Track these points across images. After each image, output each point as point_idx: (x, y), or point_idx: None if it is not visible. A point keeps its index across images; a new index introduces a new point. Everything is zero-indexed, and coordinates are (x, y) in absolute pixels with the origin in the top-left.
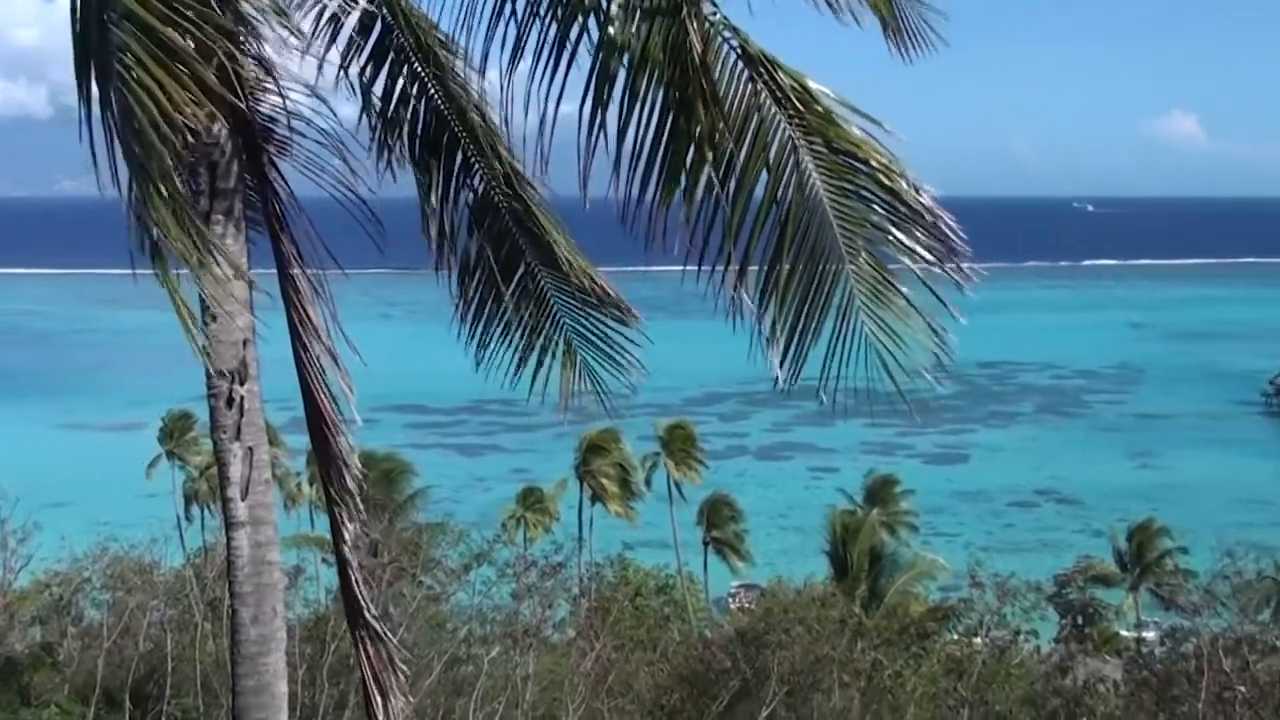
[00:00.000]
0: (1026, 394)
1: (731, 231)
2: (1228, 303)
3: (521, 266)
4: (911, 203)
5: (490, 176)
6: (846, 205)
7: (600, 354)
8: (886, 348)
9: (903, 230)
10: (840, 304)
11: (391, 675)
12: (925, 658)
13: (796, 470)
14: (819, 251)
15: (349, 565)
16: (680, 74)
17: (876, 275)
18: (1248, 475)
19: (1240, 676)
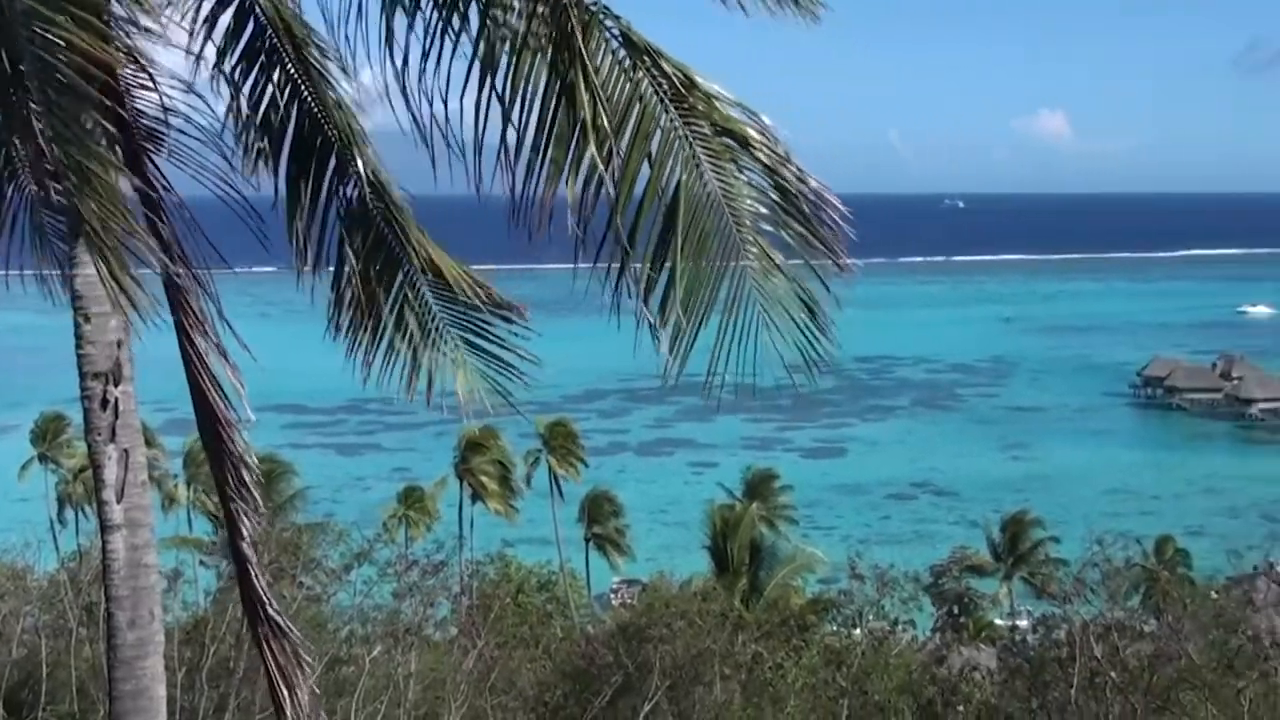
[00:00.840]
0: (902, 388)
1: (616, 222)
2: (1097, 297)
3: (399, 271)
4: (798, 187)
5: (362, 181)
6: (733, 191)
7: (484, 356)
8: (775, 341)
9: (790, 215)
10: (729, 296)
11: (297, 670)
12: (805, 649)
13: (677, 466)
14: (707, 241)
15: (248, 561)
16: (562, 63)
17: (765, 265)
18: (1117, 465)
19: (1110, 661)
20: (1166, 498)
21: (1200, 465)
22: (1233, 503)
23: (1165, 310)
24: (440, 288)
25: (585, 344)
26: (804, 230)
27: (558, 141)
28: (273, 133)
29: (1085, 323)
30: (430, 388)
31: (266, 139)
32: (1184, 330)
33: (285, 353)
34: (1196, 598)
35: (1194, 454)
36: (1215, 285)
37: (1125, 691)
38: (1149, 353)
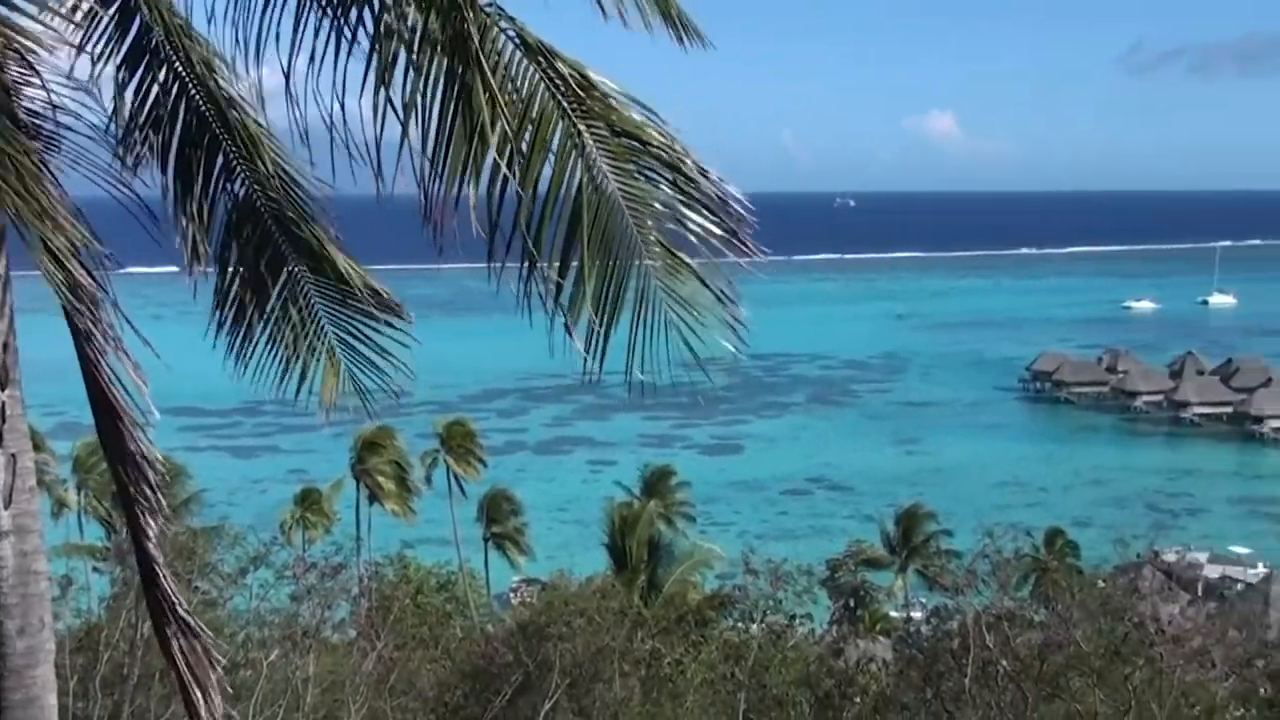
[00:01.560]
0: (798, 385)
1: (519, 222)
2: (986, 293)
3: (283, 273)
4: (697, 182)
5: (254, 180)
6: (634, 187)
7: (366, 359)
8: (679, 338)
9: (691, 209)
10: (635, 294)
11: (209, 671)
12: (704, 645)
13: (576, 464)
14: (611, 240)
15: (155, 562)
16: (459, 64)
17: (669, 262)
18: (1008, 458)
19: (1002, 651)
20: (1055, 489)
21: (1087, 457)
22: (1118, 493)
23: (1052, 306)
24: (327, 288)
25: (484, 343)
26: (706, 224)
27: (457, 143)
28: (160, 131)
29: (975, 319)
30: (324, 389)
31: (153, 138)
32: (1070, 326)
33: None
34: (1084, 587)
35: (1081, 446)
36: (1100, 281)
37: (1016, 680)
38: (1037, 348)
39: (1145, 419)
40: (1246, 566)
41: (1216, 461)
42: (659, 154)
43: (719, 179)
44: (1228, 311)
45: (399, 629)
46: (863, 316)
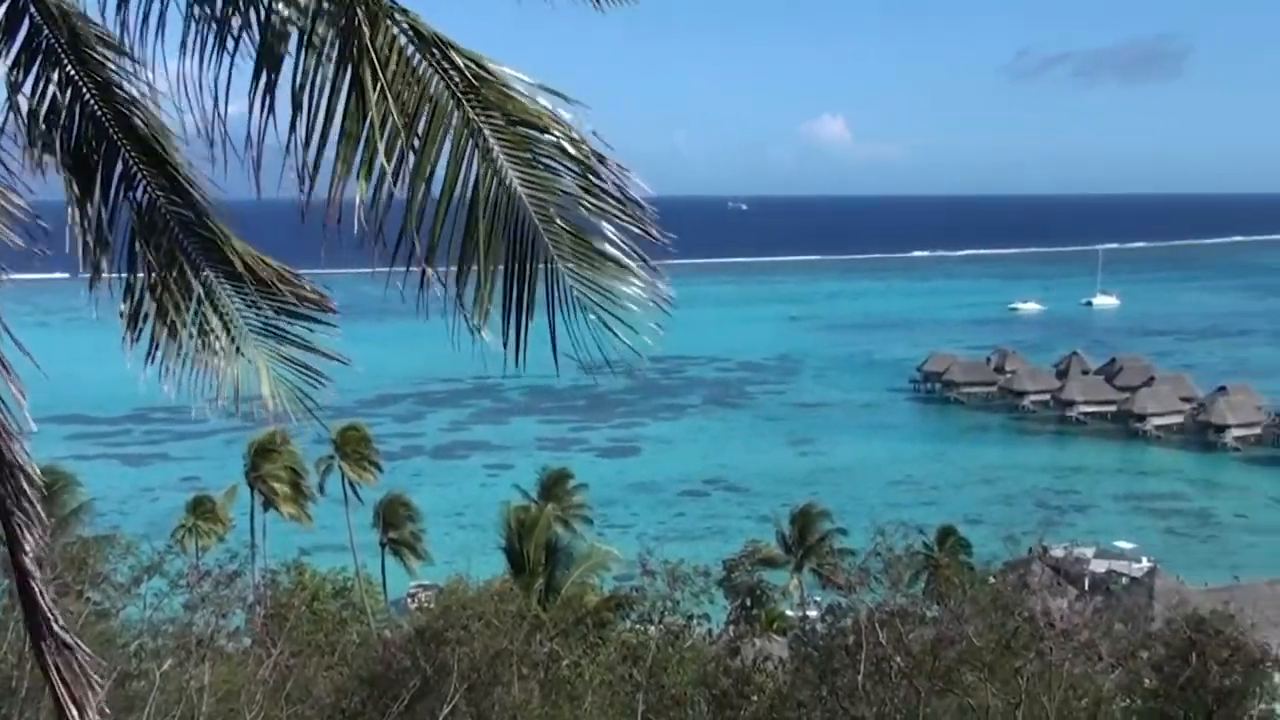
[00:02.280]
0: (694, 387)
1: (413, 221)
2: (878, 295)
3: (197, 276)
4: (599, 169)
5: (157, 185)
6: (535, 178)
7: (287, 360)
8: (605, 332)
9: (594, 196)
10: (543, 293)
11: (87, 689)
12: (602, 646)
13: (473, 468)
14: (512, 233)
15: (30, 577)
16: (350, 57)
17: (571, 259)
18: (900, 458)
19: (895, 647)
20: (946, 488)
21: (977, 456)
22: (1008, 491)
23: (942, 308)
24: (242, 291)
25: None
26: (611, 213)
27: (348, 140)
28: (56, 134)
29: (867, 321)
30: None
31: (50, 141)
32: (960, 327)
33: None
34: (975, 583)
35: (971, 445)
36: (988, 284)
37: (910, 675)
38: (927, 349)
39: (1032, 418)
40: (1131, 561)
41: (1101, 459)
42: (558, 143)
43: (620, 166)
44: (1111, 312)
45: (295, 636)
46: (757, 319)
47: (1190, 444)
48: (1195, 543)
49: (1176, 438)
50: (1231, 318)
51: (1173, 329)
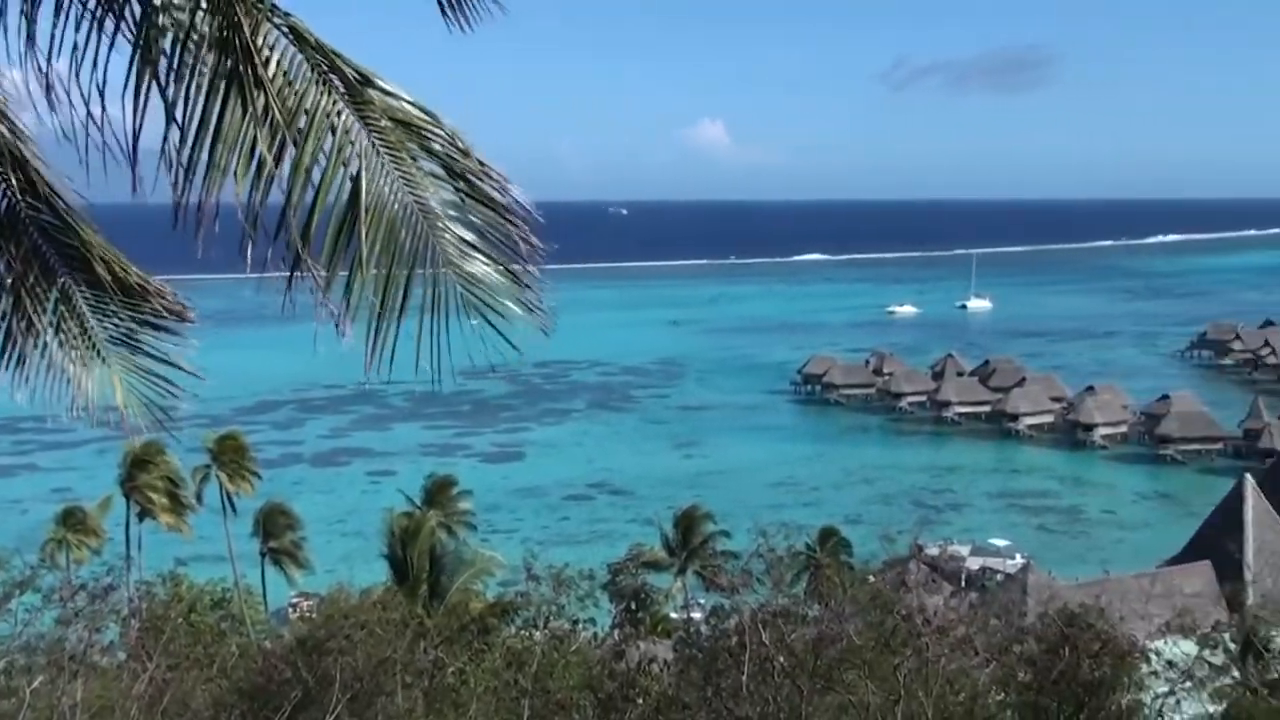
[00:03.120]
0: (577, 391)
1: (293, 226)
2: (758, 299)
3: (55, 283)
4: (481, 179)
5: (13, 190)
6: (416, 188)
7: (144, 370)
8: (475, 340)
9: (475, 203)
10: (421, 298)
11: None
12: (487, 653)
13: (355, 475)
14: (390, 242)
15: None
16: (230, 60)
17: (451, 264)
18: (781, 459)
19: (778, 647)
20: (826, 488)
21: (857, 456)
22: (886, 490)
23: (821, 311)
24: (101, 300)
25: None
26: (491, 222)
27: (227, 143)
28: None
29: (748, 324)
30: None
31: None
32: (839, 330)
33: None
34: (855, 582)
35: (851, 446)
36: (865, 287)
37: (792, 675)
38: (807, 352)
39: (910, 419)
40: (1005, 558)
41: (976, 458)
42: (440, 151)
43: (501, 175)
44: (984, 315)
45: (171, 649)
46: (640, 323)
47: (1060, 442)
48: (1066, 539)
49: (1047, 437)
50: (1098, 320)
51: (1043, 331)
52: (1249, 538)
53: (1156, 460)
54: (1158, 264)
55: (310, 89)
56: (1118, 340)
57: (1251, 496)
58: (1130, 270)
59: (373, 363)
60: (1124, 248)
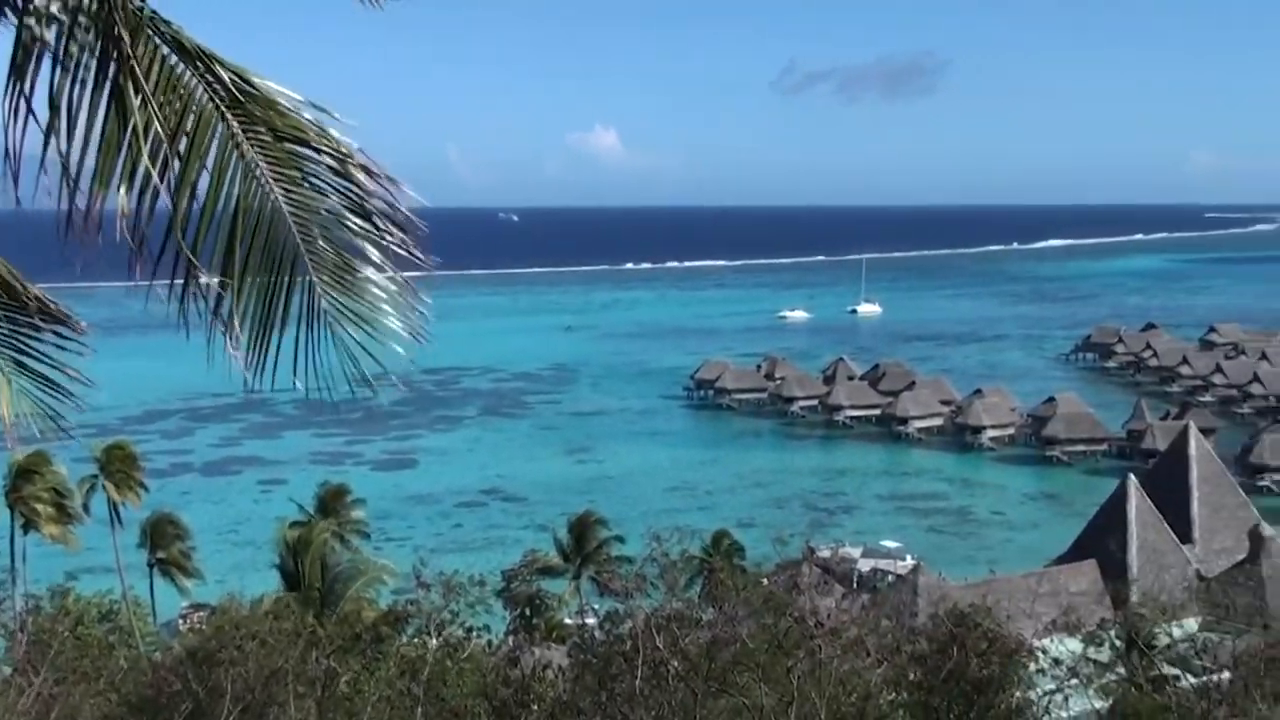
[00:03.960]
0: (470, 398)
1: (177, 235)
2: (651, 305)
3: None
4: (366, 187)
5: None
6: (298, 198)
7: (32, 376)
8: (361, 348)
9: (361, 217)
10: (300, 308)
11: None
12: (380, 661)
13: (245, 484)
14: (273, 252)
15: None
16: (109, 67)
17: (336, 274)
18: (675, 464)
19: (672, 651)
20: (720, 492)
21: (749, 460)
22: (779, 494)
23: (713, 316)
24: None
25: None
26: (375, 232)
27: (108, 151)
28: None
29: (641, 330)
30: None
31: None
32: (731, 335)
33: None
34: (748, 585)
35: (744, 450)
36: (758, 292)
37: (686, 678)
38: (700, 357)
39: (802, 423)
40: (896, 559)
41: (867, 461)
42: (325, 159)
43: (390, 182)
44: (874, 320)
45: (58, 663)
46: (532, 329)
47: (949, 445)
48: (956, 540)
49: (937, 439)
50: (986, 323)
51: (932, 335)
52: (1132, 536)
53: (1043, 461)
54: (1045, 268)
55: (194, 100)
56: (1005, 344)
57: (1135, 496)
58: (1018, 275)
59: (253, 371)
60: (1012, 252)
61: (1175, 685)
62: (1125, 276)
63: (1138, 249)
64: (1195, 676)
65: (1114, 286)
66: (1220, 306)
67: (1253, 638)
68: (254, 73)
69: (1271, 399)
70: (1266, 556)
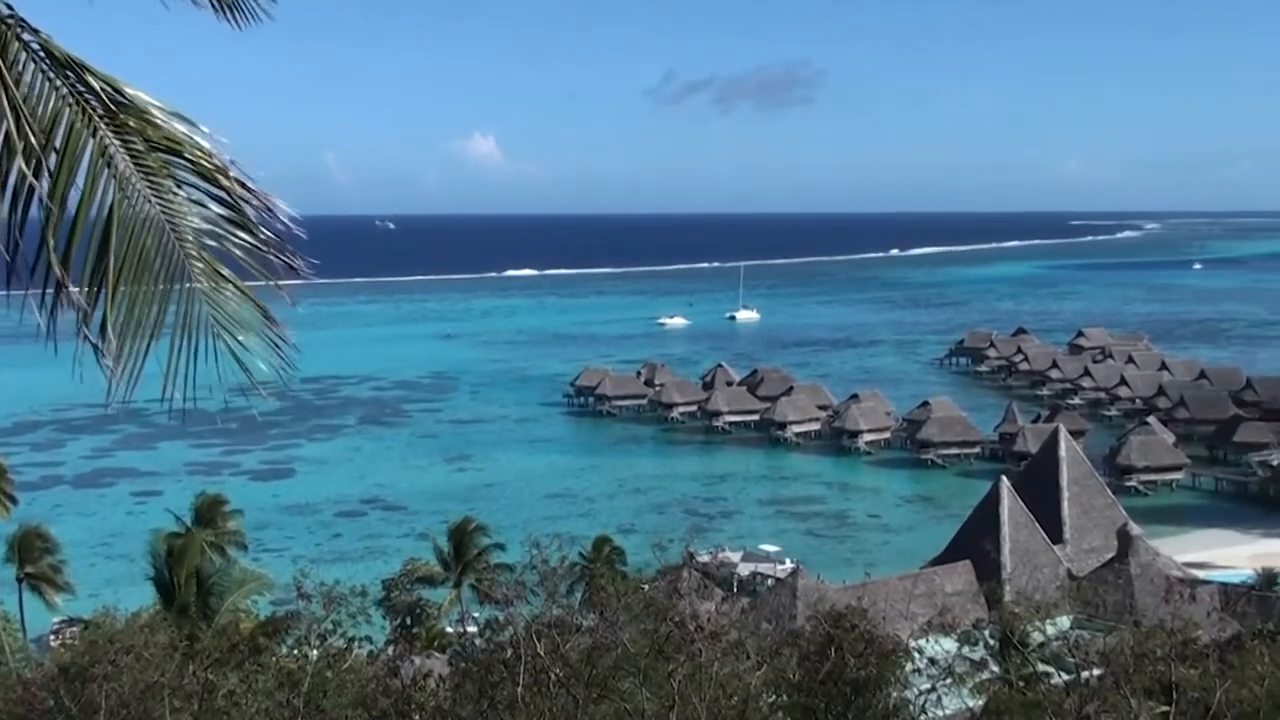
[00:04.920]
0: (349, 406)
1: (49, 244)
2: (530, 312)
3: None
4: (240, 197)
5: None
6: (172, 207)
7: None
8: (225, 361)
9: (234, 226)
10: (175, 318)
11: None
12: (259, 673)
13: (119, 496)
14: (147, 261)
15: None
16: None
17: (211, 283)
18: (556, 471)
19: (553, 658)
20: (600, 498)
21: (629, 467)
22: (659, 499)
23: (593, 324)
24: None
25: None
26: (250, 242)
27: None
28: None
29: (521, 337)
30: None
31: None
32: (611, 342)
33: None
34: (629, 590)
35: (624, 456)
36: (637, 299)
37: (568, 685)
38: (580, 364)
39: (681, 428)
40: (775, 562)
41: (746, 466)
42: (200, 170)
43: (264, 194)
44: (752, 326)
45: None
46: (412, 337)
47: (827, 449)
48: (834, 543)
49: (814, 443)
50: (862, 329)
51: (809, 341)
52: (1005, 537)
53: (918, 464)
54: (919, 275)
55: (66, 110)
56: (880, 349)
57: (1007, 498)
58: (893, 281)
59: (125, 381)
60: (887, 259)
61: (1048, 682)
62: (996, 283)
63: (1008, 256)
64: (1067, 673)
65: (985, 292)
66: (1087, 311)
67: (1122, 634)
68: (125, 83)
69: (1138, 401)
70: (1134, 555)
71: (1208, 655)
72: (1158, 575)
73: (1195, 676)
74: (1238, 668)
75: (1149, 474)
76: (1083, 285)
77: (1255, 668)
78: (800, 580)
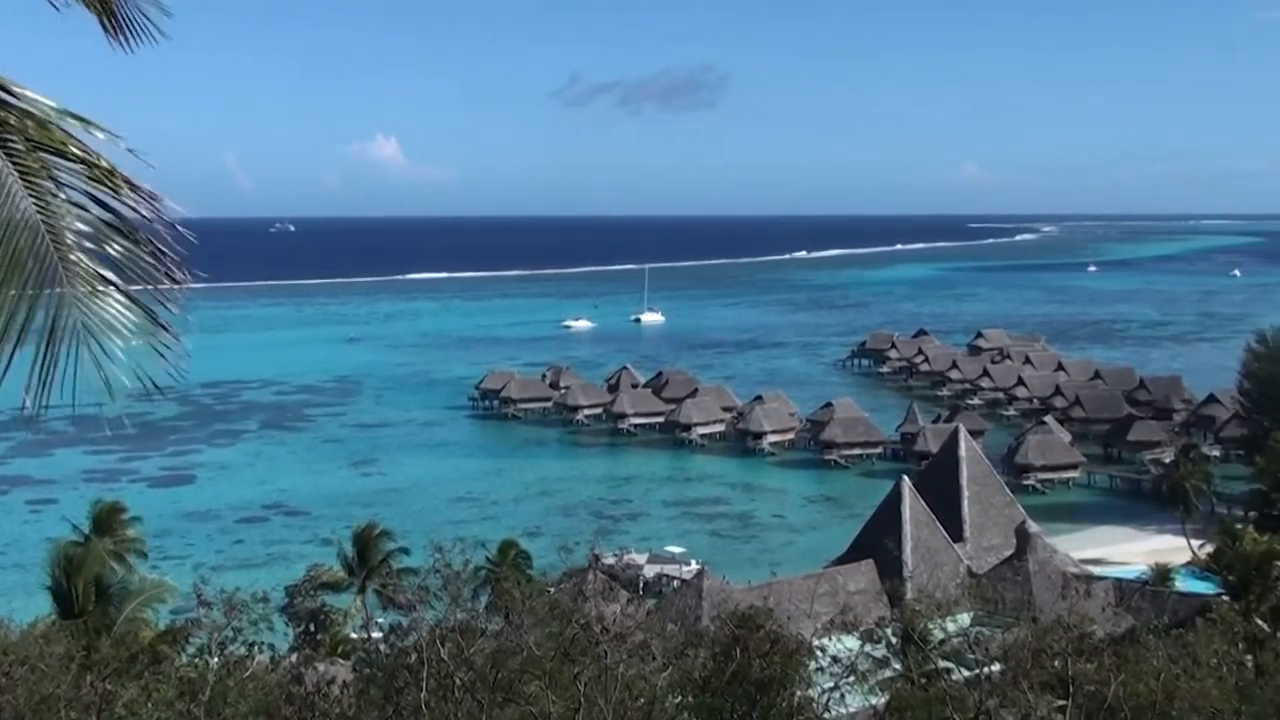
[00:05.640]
0: (251, 411)
1: None
2: (435, 315)
3: None
4: (125, 201)
5: None
6: (51, 209)
7: None
8: (110, 367)
9: (117, 231)
10: (49, 322)
11: None
12: (160, 683)
13: (13, 504)
14: (21, 264)
15: None
16: None
17: (91, 288)
18: (461, 474)
19: (458, 662)
20: (506, 502)
21: (536, 470)
22: (565, 502)
23: (497, 326)
24: None
25: None
26: (132, 247)
27: None
28: None
29: (425, 340)
30: None
31: None
32: (515, 345)
33: None
34: (535, 593)
35: (530, 459)
36: (541, 302)
37: (473, 689)
38: (485, 367)
39: (587, 431)
40: (681, 564)
41: (652, 468)
42: (81, 169)
43: (153, 196)
44: (657, 328)
45: None
46: (314, 341)
47: (731, 450)
48: (739, 543)
49: (719, 445)
50: (765, 331)
51: (714, 343)
52: (907, 536)
53: (821, 465)
54: (821, 277)
55: None
56: (784, 351)
57: (909, 497)
58: (796, 284)
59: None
60: (790, 262)
61: (949, 678)
62: (897, 285)
63: (909, 258)
64: (968, 669)
65: (887, 294)
66: (985, 313)
67: (1020, 630)
68: (13, 81)
69: (1035, 401)
70: (1032, 552)
71: (1103, 650)
72: (1055, 572)
73: (1091, 671)
74: (1133, 662)
75: (1046, 472)
76: (981, 287)
77: (1150, 662)
78: (706, 581)
